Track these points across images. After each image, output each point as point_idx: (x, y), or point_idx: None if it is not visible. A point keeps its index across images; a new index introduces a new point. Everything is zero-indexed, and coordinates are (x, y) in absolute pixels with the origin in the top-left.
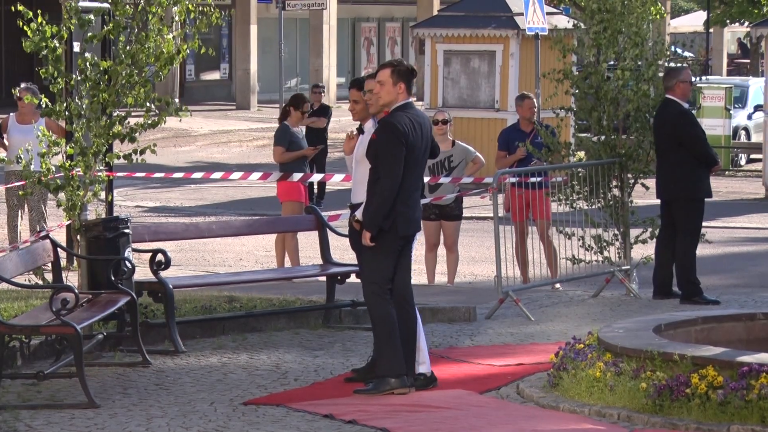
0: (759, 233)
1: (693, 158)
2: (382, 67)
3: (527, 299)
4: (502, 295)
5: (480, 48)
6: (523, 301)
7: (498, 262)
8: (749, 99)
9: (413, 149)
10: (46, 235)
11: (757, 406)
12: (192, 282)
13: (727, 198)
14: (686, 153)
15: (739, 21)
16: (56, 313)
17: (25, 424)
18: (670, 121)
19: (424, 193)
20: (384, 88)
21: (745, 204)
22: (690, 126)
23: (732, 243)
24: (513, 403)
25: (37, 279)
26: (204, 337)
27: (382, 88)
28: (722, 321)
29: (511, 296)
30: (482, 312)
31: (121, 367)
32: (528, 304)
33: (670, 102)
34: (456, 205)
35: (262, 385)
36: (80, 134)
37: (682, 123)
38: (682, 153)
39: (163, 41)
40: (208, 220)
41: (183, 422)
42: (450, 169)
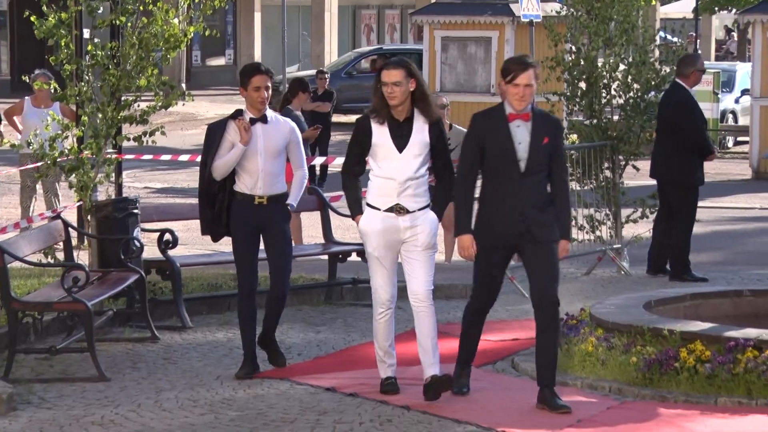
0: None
1: (689, 146)
2: (524, 67)
3: (522, 277)
4: None
5: (476, 34)
6: (518, 279)
7: None
8: (736, 83)
9: None
10: (58, 215)
11: (743, 379)
12: (198, 260)
13: (715, 179)
14: (683, 140)
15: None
16: (68, 291)
17: (39, 397)
18: (671, 107)
19: None
20: (531, 90)
21: (732, 185)
22: (689, 114)
23: (719, 222)
24: (508, 376)
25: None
26: (210, 314)
27: (530, 90)
28: (710, 297)
29: (507, 274)
30: None
31: (130, 342)
32: (523, 281)
33: (679, 88)
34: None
35: (266, 359)
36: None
37: (682, 111)
38: (678, 139)
39: (169, 25)
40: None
41: (191, 395)
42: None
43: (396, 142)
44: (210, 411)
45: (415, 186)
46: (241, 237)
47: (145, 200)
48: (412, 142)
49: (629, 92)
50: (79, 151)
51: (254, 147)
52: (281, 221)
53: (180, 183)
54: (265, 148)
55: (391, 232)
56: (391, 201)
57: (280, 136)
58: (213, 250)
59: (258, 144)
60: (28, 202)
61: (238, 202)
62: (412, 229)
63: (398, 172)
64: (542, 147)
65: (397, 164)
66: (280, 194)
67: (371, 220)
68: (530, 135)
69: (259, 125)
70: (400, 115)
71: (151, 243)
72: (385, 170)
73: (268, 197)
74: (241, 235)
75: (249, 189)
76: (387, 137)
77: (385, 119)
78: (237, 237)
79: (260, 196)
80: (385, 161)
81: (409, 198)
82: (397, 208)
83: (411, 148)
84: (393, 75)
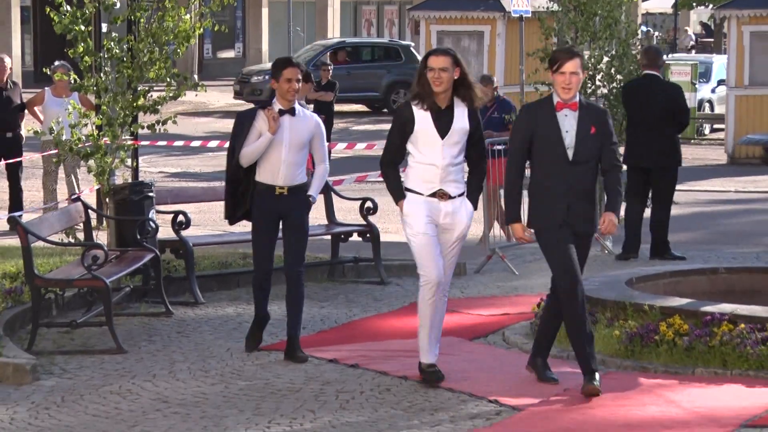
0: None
1: (678, 129)
2: (570, 56)
3: (512, 255)
4: (490, 252)
5: (470, 28)
6: (509, 257)
7: (486, 222)
8: (713, 74)
9: None
10: (78, 198)
11: (719, 351)
12: (210, 240)
13: (693, 164)
14: (683, 125)
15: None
16: (87, 269)
17: (60, 368)
18: (675, 95)
19: None
20: (578, 78)
21: (708, 169)
22: (684, 99)
23: (697, 204)
24: (499, 349)
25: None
26: (220, 290)
27: (576, 78)
28: (688, 275)
29: (498, 253)
30: (472, 267)
31: (146, 316)
32: (513, 260)
33: (656, 78)
34: None
35: (274, 333)
36: (107, 107)
37: (679, 96)
38: (680, 125)
39: (180, 20)
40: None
41: (202, 366)
42: None
43: (439, 129)
44: (220, 381)
45: (455, 172)
46: (261, 225)
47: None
48: (454, 129)
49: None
50: (97, 138)
51: (280, 138)
52: (301, 211)
53: (192, 168)
54: (290, 140)
55: (433, 216)
56: (433, 186)
57: (305, 130)
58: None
59: (284, 135)
60: (53, 185)
61: (260, 191)
62: (452, 215)
63: (440, 158)
64: (590, 136)
65: (439, 150)
66: (300, 185)
67: (415, 204)
68: (577, 124)
69: (287, 117)
70: (442, 103)
71: (165, 224)
72: (428, 156)
73: (289, 188)
74: (261, 223)
75: (270, 179)
76: (430, 124)
77: (428, 106)
78: (257, 225)
79: (281, 186)
80: (426, 147)
81: (450, 183)
82: (440, 193)
83: (452, 134)
84: (440, 61)
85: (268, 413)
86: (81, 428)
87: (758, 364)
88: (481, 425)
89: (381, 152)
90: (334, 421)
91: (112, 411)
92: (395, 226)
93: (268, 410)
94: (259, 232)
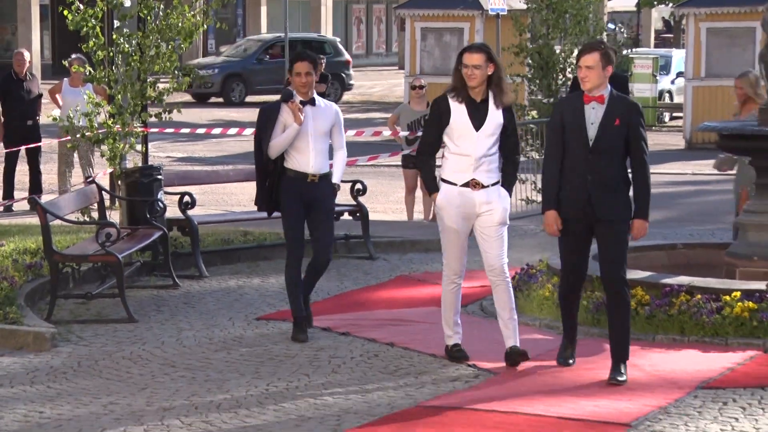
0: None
1: None
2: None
3: None
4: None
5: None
6: None
7: None
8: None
9: None
10: (92, 180)
11: (677, 319)
12: (213, 219)
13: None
14: None
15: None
16: (101, 245)
17: (77, 336)
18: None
19: (402, 146)
20: (594, 72)
21: (668, 153)
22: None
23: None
24: (477, 318)
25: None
26: (223, 265)
27: (591, 72)
28: (648, 250)
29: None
30: None
31: (155, 289)
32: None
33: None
34: None
35: (272, 304)
36: (119, 97)
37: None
38: None
39: (184, 18)
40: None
41: (207, 334)
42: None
43: (473, 121)
44: (223, 348)
45: (488, 162)
46: (293, 211)
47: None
48: (488, 122)
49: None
50: (110, 126)
51: (305, 128)
52: (329, 198)
53: (198, 153)
54: (315, 129)
55: (467, 206)
56: (467, 176)
57: (326, 119)
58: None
59: (308, 125)
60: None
61: (290, 179)
62: (487, 204)
63: (474, 149)
64: (613, 128)
65: (474, 142)
66: (327, 172)
67: (448, 194)
68: (603, 116)
69: (309, 107)
70: (477, 96)
71: (172, 204)
72: (462, 148)
73: (319, 175)
74: (293, 210)
75: (301, 167)
76: (465, 116)
77: (463, 99)
78: (289, 211)
79: (313, 174)
80: (461, 139)
81: (483, 173)
82: (473, 182)
83: (486, 127)
84: (474, 59)
85: (266, 377)
86: (96, 391)
87: (713, 331)
88: (460, 387)
89: (369, 138)
90: (327, 384)
91: (124, 375)
92: (383, 206)
93: (267, 374)
94: (291, 219)
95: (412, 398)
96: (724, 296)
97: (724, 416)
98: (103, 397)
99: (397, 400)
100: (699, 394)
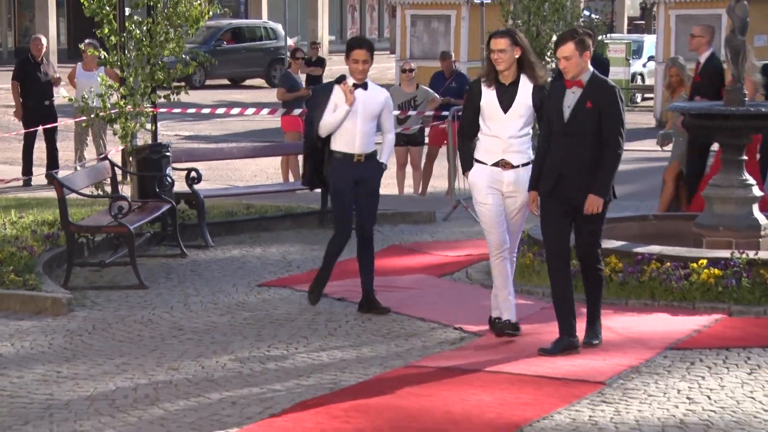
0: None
1: None
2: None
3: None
4: (455, 203)
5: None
6: (471, 207)
7: (450, 177)
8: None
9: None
10: (105, 157)
11: (648, 285)
12: (218, 193)
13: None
14: None
15: None
16: (114, 217)
17: (91, 301)
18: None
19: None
20: (571, 61)
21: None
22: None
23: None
24: (463, 284)
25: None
26: (227, 235)
27: (569, 62)
28: (621, 221)
29: (462, 203)
30: (440, 215)
31: (164, 258)
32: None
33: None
34: (420, 134)
35: (272, 272)
36: (130, 79)
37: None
38: None
39: (191, 6)
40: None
41: (212, 299)
42: (415, 107)
43: (502, 104)
44: (227, 312)
45: (519, 144)
46: (340, 190)
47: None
48: (516, 104)
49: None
50: (122, 106)
51: (354, 109)
52: (376, 177)
53: (204, 132)
54: (363, 112)
55: (496, 184)
56: (496, 156)
57: (376, 102)
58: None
59: (358, 107)
60: (82, 146)
61: (338, 160)
62: (514, 184)
63: (503, 131)
64: (585, 111)
65: (502, 124)
66: (372, 152)
67: (480, 173)
68: (577, 99)
69: (360, 90)
70: (506, 79)
71: (180, 179)
72: (492, 129)
73: (365, 155)
74: (340, 189)
75: (348, 148)
76: (494, 99)
77: (492, 83)
78: (337, 190)
79: (359, 154)
80: (491, 121)
81: (513, 154)
82: (503, 162)
83: (515, 109)
84: (499, 43)
85: (267, 339)
86: (109, 352)
87: (681, 296)
88: (447, 348)
89: None
90: (324, 346)
91: (135, 337)
92: None
93: (268, 336)
94: (340, 197)
95: (402, 359)
96: (692, 264)
97: (691, 375)
98: (116, 358)
99: (389, 360)
100: (668, 355)
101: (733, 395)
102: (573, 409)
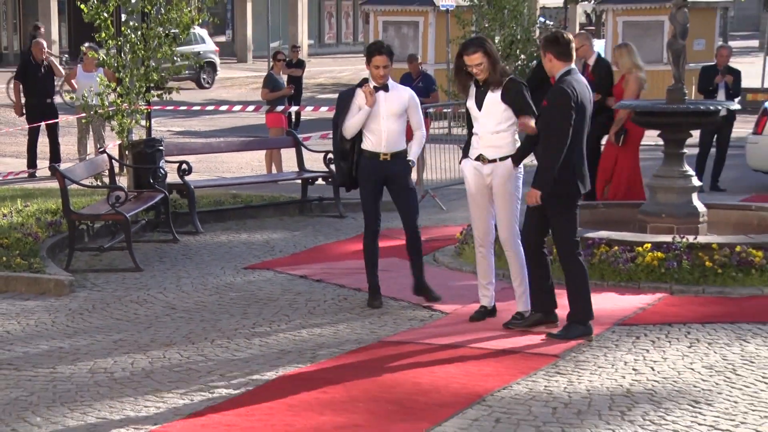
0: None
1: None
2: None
3: (441, 194)
4: (424, 192)
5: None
6: (438, 197)
7: (419, 168)
8: None
9: (583, 111)
10: (104, 150)
11: (598, 267)
12: (207, 184)
13: None
14: None
15: None
16: (112, 206)
17: (91, 282)
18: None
19: None
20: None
21: None
22: None
23: None
24: (431, 266)
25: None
26: (216, 223)
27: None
28: None
29: (430, 193)
30: None
31: (157, 243)
32: (441, 198)
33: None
34: None
35: (257, 255)
36: (126, 80)
37: None
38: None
39: (182, 13)
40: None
41: (202, 281)
42: None
43: (477, 103)
44: (216, 293)
45: (496, 139)
46: (369, 188)
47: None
48: (487, 103)
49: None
50: (119, 104)
51: (377, 110)
52: (404, 174)
53: (194, 127)
54: (387, 112)
55: (478, 177)
56: (477, 151)
57: (399, 102)
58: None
59: (381, 108)
60: (84, 140)
61: (366, 158)
62: (492, 176)
63: (481, 128)
64: (542, 109)
65: (480, 121)
66: (400, 151)
67: (466, 166)
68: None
69: (382, 92)
70: (481, 81)
71: (172, 171)
72: (475, 127)
73: (392, 154)
74: (369, 187)
75: (375, 147)
76: (472, 99)
77: (468, 90)
78: (365, 188)
79: (385, 153)
80: (474, 119)
81: (489, 149)
82: (482, 157)
83: (486, 107)
84: (474, 59)
85: (252, 317)
86: (107, 329)
87: (627, 277)
88: (416, 325)
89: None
90: (304, 323)
91: (131, 316)
92: None
93: (253, 314)
94: (367, 195)
95: (375, 334)
96: (637, 248)
97: (636, 348)
98: (114, 335)
99: (363, 336)
100: (616, 330)
101: (674, 366)
102: (530, 380)
